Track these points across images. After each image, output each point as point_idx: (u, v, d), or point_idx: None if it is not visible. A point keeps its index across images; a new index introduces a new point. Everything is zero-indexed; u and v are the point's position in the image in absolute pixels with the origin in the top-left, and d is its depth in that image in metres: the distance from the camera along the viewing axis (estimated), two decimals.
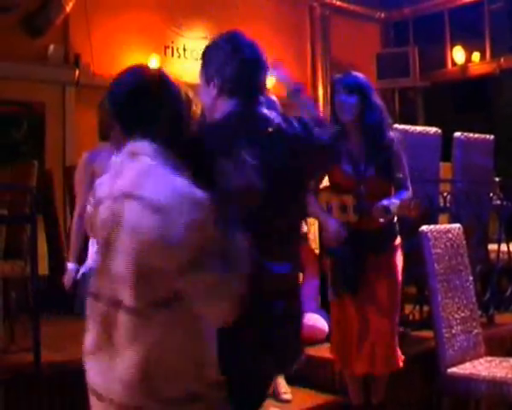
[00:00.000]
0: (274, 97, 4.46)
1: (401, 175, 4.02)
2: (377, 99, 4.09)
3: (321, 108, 7.28)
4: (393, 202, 3.87)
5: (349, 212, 3.96)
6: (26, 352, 4.25)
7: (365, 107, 4.00)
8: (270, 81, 3.17)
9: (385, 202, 3.83)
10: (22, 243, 5.07)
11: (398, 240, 4.06)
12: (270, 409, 4.26)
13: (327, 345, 4.49)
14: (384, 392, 4.17)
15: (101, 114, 3.95)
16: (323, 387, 4.59)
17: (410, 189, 4.04)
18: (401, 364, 4.01)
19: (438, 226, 4.41)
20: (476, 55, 10.50)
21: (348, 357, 4.02)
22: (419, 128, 5.65)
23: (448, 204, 5.48)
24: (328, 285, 4.09)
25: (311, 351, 4.65)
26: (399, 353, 4.02)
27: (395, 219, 4.04)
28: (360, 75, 4.15)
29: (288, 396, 4.39)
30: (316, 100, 10.36)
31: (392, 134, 4.07)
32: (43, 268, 4.73)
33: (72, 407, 3.84)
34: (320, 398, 4.49)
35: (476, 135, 5.99)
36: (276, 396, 4.38)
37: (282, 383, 4.43)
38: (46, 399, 3.99)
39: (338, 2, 10.65)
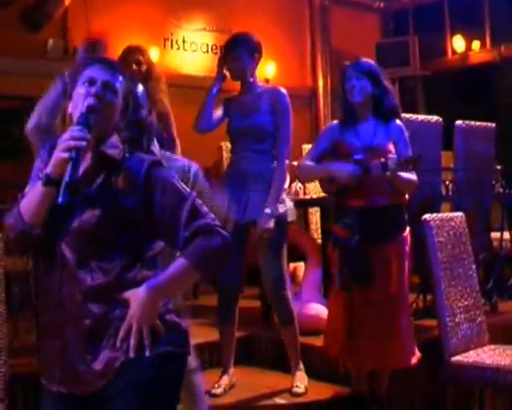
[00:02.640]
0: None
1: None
2: (389, 84, 4.11)
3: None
4: (392, 158, 3.87)
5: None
6: (30, 347, 4.25)
7: (379, 91, 4.04)
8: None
9: (383, 159, 3.85)
10: None
11: (407, 231, 4.06)
12: (275, 400, 4.27)
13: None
14: (388, 382, 4.17)
15: None
16: (328, 378, 4.58)
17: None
18: (414, 360, 4.02)
19: (440, 215, 4.39)
20: (476, 44, 10.48)
21: (354, 350, 4.01)
22: (420, 117, 5.64)
23: (450, 193, 5.47)
24: (335, 277, 4.06)
25: (314, 341, 4.65)
26: (415, 348, 4.03)
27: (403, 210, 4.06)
28: (370, 61, 4.18)
29: (298, 390, 4.35)
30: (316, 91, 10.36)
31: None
32: None
33: None
34: (325, 388, 4.48)
35: (477, 123, 5.98)
36: (290, 389, 4.38)
37: (301, 375, 4.43)
38: None
39: None
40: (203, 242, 2.29)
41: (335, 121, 4.24)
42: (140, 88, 3.21)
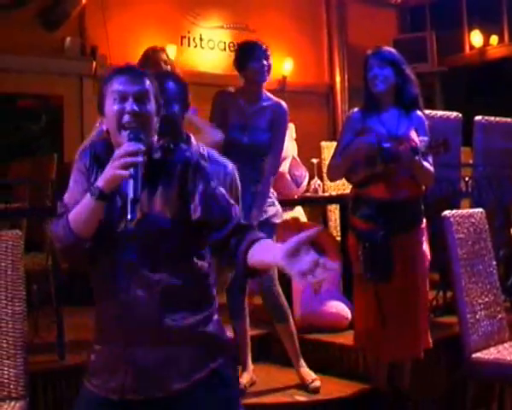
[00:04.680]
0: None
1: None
2: (411, 73, 4.09)
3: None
4: (422, 140, 3.85)
5: (375, 162, 3.92)
6: (50, 345, 4.28)
7: (402, 80, 4.03)
8: None
9: (413, 143, 3.82)
10: (43, 235, 5.08)
11: (424, 222, 4.05)
12: (295, 397, 4.26)
13: (350, 332, 4.48)
14: (409, 378, 4.15)
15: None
16: (348, 375, 4.58)
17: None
18: (423, 352, 4.01)
19: (460, 211, 4.37)
20: (494, 39, 10.41)
21: (376, 344, 4.00)
22: (440, 113, 5.61)
23: (470, 189, 5.44)
24: (358, 271, 4.04)
25: (334, 338, 4.64)
26: (428, 340, 4.02)
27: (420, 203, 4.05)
28: (392, 49, 4.15)
29: (316, 384, 4.34)
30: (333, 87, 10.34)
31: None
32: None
33: None
34: (345, 386, 4.47)
35: (497, 118, 5.94)
36: (306, 387, 4.36)
37: (305, 372, 4.41)
38: (71, 392, 4.01)
39: None
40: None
41: (356, 109, 4.21)
42: (171, 83, 3.28)
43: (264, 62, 4.39)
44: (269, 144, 4.38)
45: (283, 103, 4.49)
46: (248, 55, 4.42)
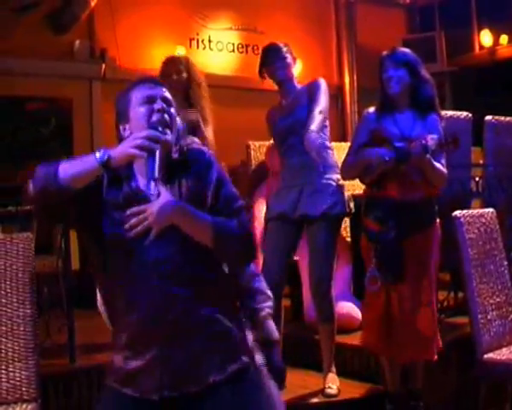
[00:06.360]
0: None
1: None
2: (426, 74, 4.07)
3: None
4: (433, 138, 3.82)
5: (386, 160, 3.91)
6: (61, 347, 4.28)
7: (417, 81, 4.02)
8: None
9: (423, 141, 3.79)
10: (53, 238, 5.09)
11: (437, 223, 4.04)
12: (308, 398, 4.26)
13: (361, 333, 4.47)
14: (421, 379, 4.14)
15: None
16: (360, 376, 4.57)
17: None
18: (436, 355, 4.00)
19: (471, 211, 4.35)
20: (504, 38, 10.39)
21: (386, 346, 3.99)
22: (450, 112, 5.59)
23: (480, 189, 5.42)
24: (369, 272, 4.03)
25: (346, 339, 4.64)
26: (438, 341, 4.01)
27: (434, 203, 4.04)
28: (407, 50, 4.14)
29: (331, 391, 4.30)
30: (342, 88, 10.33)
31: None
32: (75, 263, 4.75)
33: None
34: (357, 387, 4.46)
35: (507, 118, 5.92)
36: (322, 390, 4.35)
37: (331, 377, 4.39)
38: (83, 394, 4.01)
39: None
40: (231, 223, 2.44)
41: (371, 109, 4.19)
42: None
43: (277, 63, 4.44)
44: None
45: (318, 79, 4.48)
46: (262, 62, 4.53)
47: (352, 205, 4.44)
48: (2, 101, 7.63)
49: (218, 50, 9.32)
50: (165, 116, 2.45)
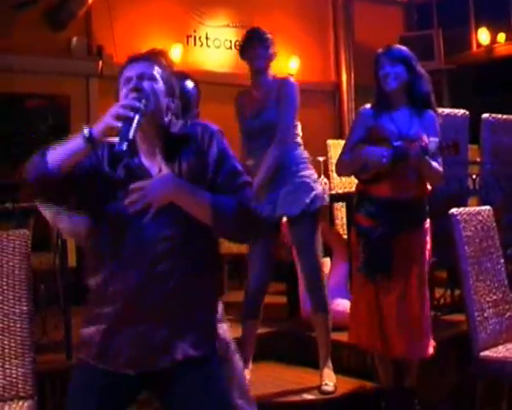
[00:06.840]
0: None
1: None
2: (422, 69, 4.07)
3: None
4: (433, 141, 3.81)
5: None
6: (58, 344, 4.28)
7: (413, 77, 4.02)
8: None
9: (423, 142, 3.78)
10: (49, 235, 5.09)
11: (428, 223, 4.04)
12: (303, 395, 4.26)
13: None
14: (416, 376, 4.14)
15: None
16: (356, 372, 4.58)
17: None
18: (431, 350, 3.99)
19: (468, 209, 4.35)
20: (502, 36, 10.39)
21: (382, 338, 3.99)
22: (447, 110, 5.59)
23: (477, 187, 5.42)
24: (358, 267, 4.04)
25: (341, 337, 4.63)
26: (431, 339, 4.00)
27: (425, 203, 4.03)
28: (403, 47, 4.14)
29: (328, 388, 4.32)
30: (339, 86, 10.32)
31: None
32: (72, 260, 4.75)
33: None
34: (350, 383, 4.47)
35: (504, 116, 5.93)
36: (319, 387, 4.35)
37: (327, 373, 4.40)
38: None
39: None
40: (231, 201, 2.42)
41: (368, 105, 4.19)
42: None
43: (259, 50, 4.39)
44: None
45: (289, 79, 4.48)
46: (244, 45, 4.49)
47: (326, 197, 4.52)
48: None
49: (216, 47, 9.31)
50: (136, 93, 2.43)
